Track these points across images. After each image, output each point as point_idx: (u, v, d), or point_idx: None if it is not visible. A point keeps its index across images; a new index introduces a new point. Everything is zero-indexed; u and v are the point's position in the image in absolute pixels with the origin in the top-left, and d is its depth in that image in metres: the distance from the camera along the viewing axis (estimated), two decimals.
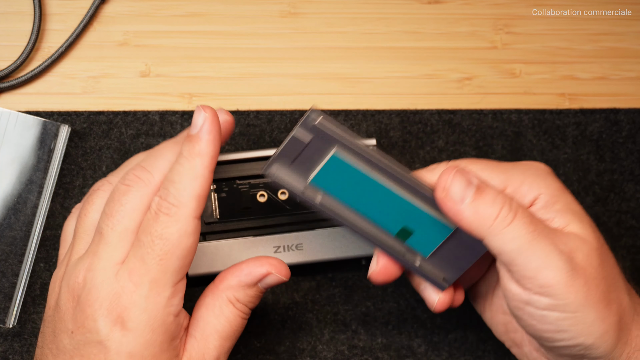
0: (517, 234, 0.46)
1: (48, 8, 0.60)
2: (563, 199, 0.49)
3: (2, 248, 0.56)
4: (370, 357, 0.59)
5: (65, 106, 0.59)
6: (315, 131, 0.47)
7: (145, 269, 0.46)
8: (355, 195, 0.48)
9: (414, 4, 0.62)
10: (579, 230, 0.48)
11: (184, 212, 0.46)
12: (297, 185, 0.48)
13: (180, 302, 0.47)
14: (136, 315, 0.46)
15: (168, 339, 0.46)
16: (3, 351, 0.57)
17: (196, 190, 0.46)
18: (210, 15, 0.61)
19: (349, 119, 0.60)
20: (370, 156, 0.47)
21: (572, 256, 0.46)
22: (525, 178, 0.49)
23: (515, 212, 0.46)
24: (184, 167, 0.46)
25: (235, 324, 0.49)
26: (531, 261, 0.46)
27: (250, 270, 0.49)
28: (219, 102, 0.60)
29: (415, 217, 0.49)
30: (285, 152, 0.48)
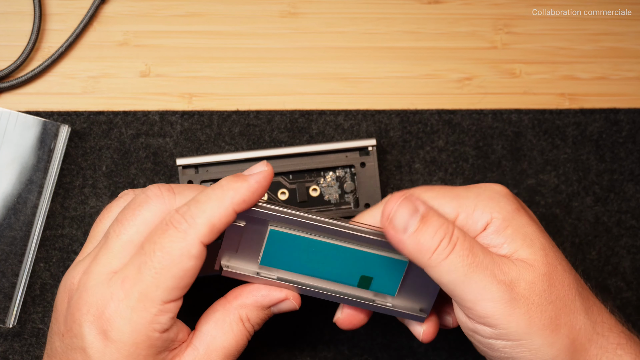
0: (453, 267, 0.46)
1: (48, 8, 0.60)
2: (515, 222, 0.48)
3: (2, 248, 0.56)
4: (370, 357, 0.59)
5: (65, 106, 0.59)
6: (246, 215, 0.47)
7: (139, 278, 0.45)
8: (307, 260, 0.49)
9: (414, 4, 0.62)
10: (527, 256, 0.48)
11: (194, 232, 0.45)
12: (251, 269, 0.49)
13: (168, 321, 0.45)
14: (120, 326, 0.45)
15: (153, 352, 0.45)
16: (3, 351, 0.57)
17: (214, 217, 0.45)
18: (210, 15, 0.61)
19: (349, 119, 0.60)
20: (306, 220, 0.48)
21: (512, 285, 0.46)
22: (478, 202, 0.49)
23: (454, 244, 0.46)
24: (215, 192, 0.46)
25: (241, 344, 0.49)
26: (468, 293, 0.46)
27: (268, 292, 0.49)
28: (219, 102, 0.60)
29: (369, 262, 0.49)
30: (228, 243, 0.48)
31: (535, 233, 0.48)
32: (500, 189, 0.50)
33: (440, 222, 0.47)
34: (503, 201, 0.49)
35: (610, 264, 0.62)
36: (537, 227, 0.49)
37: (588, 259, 0.61)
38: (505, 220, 0.48)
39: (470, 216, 0.49)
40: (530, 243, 0.48)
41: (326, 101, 0.61)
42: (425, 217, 0.47)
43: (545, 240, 0.49)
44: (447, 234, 0.46)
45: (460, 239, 0.46)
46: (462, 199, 0.49)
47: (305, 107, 0.60)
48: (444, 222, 0.47)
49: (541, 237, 0.49)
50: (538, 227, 0.49)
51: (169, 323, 0.45)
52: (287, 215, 0.48)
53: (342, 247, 0.49)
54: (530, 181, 0.61)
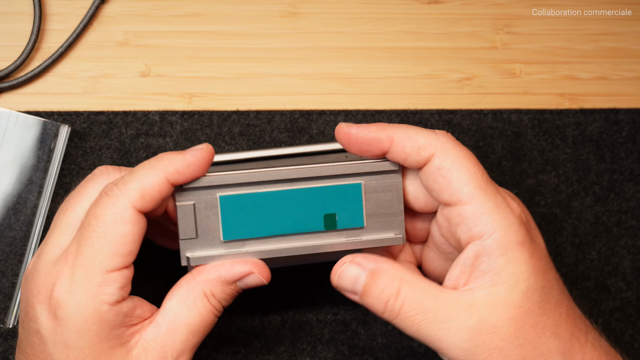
0: (402, 326, 0.46)
1: (48, 8, 0.60)
2: (512, 256, 0.46)
3: (2, 248, 0.56)
4: (370, 357, 0.59)
5: (65, 106, 0.59)
6: (190, 192, 0.47)
7: (79, 251, 0.45)
8: (267, 218, 0.48)
9: (414, 4, 0.62)
10: (501, 295, 0.46)
11: (124, 196, 0.45)
12: (217, 252, 0.48)
13: (116, 292, 0.45)
14: (66, 302, 0.44)
15: (106, 327, 0.45)
16: (3, 351, 0.57)
17: (146, 182, 0.45)
18: (210, 15, 0.61)
19: (349, 119, 0.60)
20: (249, 175, 0.47)
21: (473, 332, 0.45)
22: (485, 211, 0.46)
23: (400, 305, 0.46)
24: (149, 162, 0.46)
25: (207, 320, 0.47)
26: (429, 343, 0.46)
27: (232, 266, 0.48)
28: (219, 102, 0.60)
29: (325, 197, 0.49)
30: (184, 230, 0.48)
31: (528, 272, 0.46)
32: (518, 213, 0.47)
33: (385, 282, 0.46)
34: (514, 227, 0.46)
35: (610, 264, 0.62)
36: (534, 264, 0.46)
37: (588, 259, 0.62)
38: (503, 247, 0.46)
39: (468, 219, 0.47)
40: (515, 283, 0.46)
41: (326, 101, 0.61)
42: (369, 280, 0.47)
43: (537, 278, 0.46)
44: (390, 295, 0.46)
45: (407, 299, 0.46)
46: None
47: (305, 107, 0.60)
48: (388, 283, 0.46)
49: (534, 275, 0.46)
50: (537, 261, 0.47)
51: (117, 294, 0.45)
52: (231, 177, 0.47)
53: (294, 191, 0.48)
54: (530, 181, 0.61)
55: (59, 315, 0.44)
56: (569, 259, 0.61)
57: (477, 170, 0.46)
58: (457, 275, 0.47)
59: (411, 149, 0.47)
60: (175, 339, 0.46)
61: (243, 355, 0.58)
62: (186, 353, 0.47)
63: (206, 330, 0.47)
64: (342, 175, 0.48)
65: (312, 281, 0.59)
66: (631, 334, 0.61)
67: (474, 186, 0.45)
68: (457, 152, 0.46)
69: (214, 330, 0.58)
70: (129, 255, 0.45)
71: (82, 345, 0.44)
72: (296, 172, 0.48)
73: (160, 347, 0.46)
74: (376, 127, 0.47)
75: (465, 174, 0.46)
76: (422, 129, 0.47)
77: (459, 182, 0.46)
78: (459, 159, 0.46)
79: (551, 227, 0.61)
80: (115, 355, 0.45)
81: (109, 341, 0.45)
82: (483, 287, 0.46)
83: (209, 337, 0.58)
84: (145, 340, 0.46)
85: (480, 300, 0.46)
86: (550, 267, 0.48)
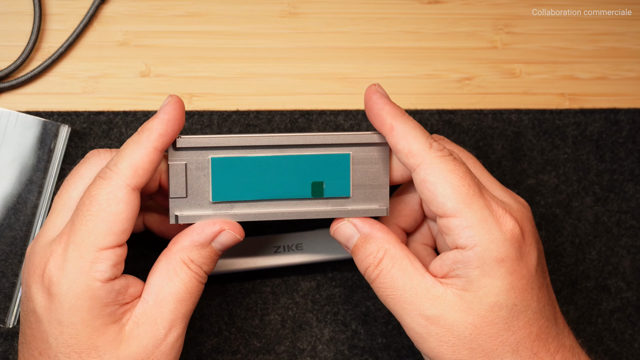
0: (376, 292, 0.49)
1: (48, 8, 0.60)
2: (473, 270, 0.47)
3: (2, 248, 0.56)
4: (370, 357, 0.59)
5: (65, 106, 0.59)
6: (183, 152, 0.48)
7: (72, 230, 0.46)
8: (257, 182, 0.49)
9: (414, 4, 0.62)
10: (458, 300, 0.47)
11: (117, 177, 0.46)
12: (205, 212, 0.49)
13: (109, 269, 0.45)
14: (58, 279, 0.45)
15: (98, 304, 0.45)
16: (3, 351, 0.57)
17: (135, 160, 0.46)
18: (210, 15, 0.61)
19: (349, 119, 0.60)
20: (242, 138, 0.48)
21: (430, 322, 0.48)
22: (474, 223, 0.47)
23: (377, 274, 0.49)
24: (133, 137, 0.47)
25: (191, 286, 0.48)
26: (394, 315, 0.49)
27: (203, 229, 0.48)
28: (219, 102, 0.60)
29: (314, 166, 0.50)
30: (175, 189, 0.48)
31: (501, 288, 0.47)
32: (508, 227, 0.48)
33: (371, 249, 0.49)
34: (497, 242, 0.47)
35: (610, 264, 0.62)
36: (510, 282, 0.47)
37: (588, 259, 0.62)
38: (480, 261, 0.47)
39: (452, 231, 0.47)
40: (484, 295, 0.47)
41: (326, 101, 0.61)
42: (360, 242, 0.49)
43: (509, 295, 0.47)
44: (372, 263, 0.49)
45: (383, 271, 0.48)
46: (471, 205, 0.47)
47: (305, 107, 0.60)
48: (373, 251, 0.49)
49: (507, 292, 0.47)
50: (515, 279, 0.47)
51: (109, 271, 0.46)
52: (223, 140, 0.48)
53: (284, 157, 0.49)
54: (530, 181, 0.61)
55: (53, 293, 0.45)
56: (569, 259, 0.61)
57: (463, 184, 0.47)
58: (439, 266, 0.48)
59: (402, 149, 0.48)
60: (163, 311, 0.47)
61: (243, 355, 0.58)
62: (177, 323, 0.48)
63: (192, 297, 0.48)
64: (332, 145, 0.49)
65: (312, 281, 0.59)
66: (631, 334, 0.61)
67: (457, 201, 0.47)
68: (442, 167, 0.47)
69: (214, 330, 0.58)
70: (122, 233, 0.46)
71: (75, 322, 0.45)
72: (287, 138, 0.49)
73: (150, 320, 0.47)
74: (389, 109, 0.49)
75: (449, 188, 0.47)
76: (422, 135, 0.48)
77: (443, 197, 0.47)
78: (443, 173, 0.47)
79: (551, 227, 0.61)
80: (109, 331, 0.46)
81: (102, 318, 0.46)
82: (455, 287, 0.47)
83: (210, 337, 0.58)
84: (136, 316, 0.47)
85: (447, 297, 0.47)
86: (532, 286, 0.48)
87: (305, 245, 0.57)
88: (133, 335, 0.46)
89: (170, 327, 0.47)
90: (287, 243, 0.57)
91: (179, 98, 0.47)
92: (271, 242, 0.57)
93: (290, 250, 0.56)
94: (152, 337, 0.47)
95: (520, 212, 0.49)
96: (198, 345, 0.58)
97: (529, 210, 0.50)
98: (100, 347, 0.46)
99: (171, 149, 0.48)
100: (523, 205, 0.49)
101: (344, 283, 0.59)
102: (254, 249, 0.56)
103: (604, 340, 0.61)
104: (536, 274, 0.48)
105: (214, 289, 0.58)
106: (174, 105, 0.47)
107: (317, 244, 0.57)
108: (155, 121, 0.47)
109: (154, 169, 0.47)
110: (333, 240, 0.56)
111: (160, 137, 0.46)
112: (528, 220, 0.49)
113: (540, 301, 0.48)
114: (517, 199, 0.50)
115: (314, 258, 0.57)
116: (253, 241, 0.57)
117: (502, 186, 0.51)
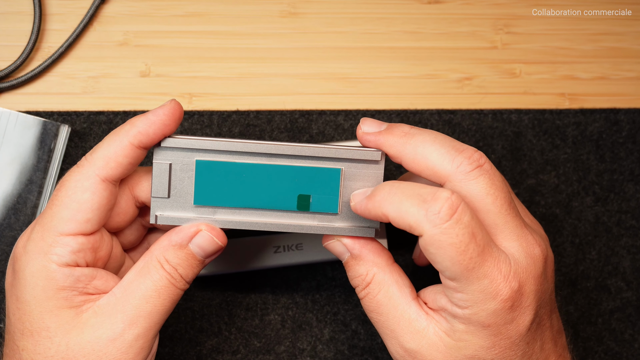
0: (364, 309, 0.49)
1: (48, 8, 0.60)
2: (459, 325, 0.47)
3: (2, 248, 0.56)
4: (370, 357, 0.59)
5: (65, 106, 0.59)
6: (169, 152, 0.47)
7: (42, 214, 0.47)
8: (241, 189, 0.48)
9: (414, 4, 0.62)
10: (438, 342, 0.47)
11: (89, 166, 0.46)
12: (186, 214, 0.48)
13: (67, 255, 0.46)
14: (20, 256, 0.47)
15: (53, 286, 0.46)
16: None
17: (109, 151, 0.46)
18: (210, 15, 0.61)
19: (349, 119, 0.60)
20: (230, 144, 0.47)
21: (409, 354, 0.48)
22: (474, 281, 0.46)
23: (364, 295, 0.49)
24: (113, 131, 0.47)
25: (161, 286, 0.47)
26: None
27: (180, 230, 0.48)
28: (219, 102, 0.60)
29: (302, 178, 0.48)
30: (157, 188, 0.48)
31: (481, 345, 0.46)
32: (503, 296, 0.46)
33: (360, 272, 0.49)
34: (487, 311, 0.46)
35: (610, 264, 0.62)
36: (493, 342, 0.46)
37: (588, 259, 0.62)
38: (468, 321, 0.46)
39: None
40: (464, 347, 0.46)
41: (326, 101, 0.61)
42: (350, 261, 0.49)
43: (489, 352, 0.46)
44: (360, 285, 0.49)
45: (369, 294, 0.48)
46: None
47: (305, 107, 0.60)
48: (362, 273, 0.49)
49: (488, 349, 0.46)
50: (499, 340, 0.46)
51: (67, 257, 0.46)
52: (211, 143, 0.47)
53: (271, 166, 0.48)
54: (530, 181, 0.61)
55: (15, 269, 0.47)
56: (569, 259, 0.61)
57: (463, 258, 0.45)
58: (432, 299, 0.48)
59: (403, 226, 0.46)
60: (126, 305, 0.47)
61: (243, 355, 0.58)
62: (139, 321, 0.47)
63: (161, 297, 0.47)
64: (323, 158, 0.48)
65: (312, 281, 0.59)
66: (631, 334, 0.61)
67: (456, 272, 0.45)
68: (443, 240, 0.45)
69: (214, 330, 0.58)
70: (86, 222, 0.46)
71: (29, 299, 0.46)
72: (276, 147, 0.48)
73: (111, 312, 0.46)
74: (371, 197, 0.47)
75: (449, 262, 0.45)
76: (416, 194, 0.46)
77: (442, 266, 0.45)
78: (443, 247, 0.45)
79: (551, 227, 0.61)
80: (62, 314, 0.46)
81: (56, 300, 0.46)
82: (439, 327, 0.47)
83: (210, 337, 0.58)
84: (98, 306, 0.47)
85: (428, 334, 0.47)
86: (518, 344, 0.47)
87: (305, 245, 0.57)
88: (89, 324, 0.46)
89: (130, 323, 0.46)
90: (287, 243, 0.57)
91: (177, 104, 0.47)
92: (271, 242, 0.57)
93: (290, 250, 0.56)
94: (109, 329, 0.46)
95: (527, 271, 0.47)
96: (198, 345, 0.58)
97: (540, 262, 0.47)
98: (51, 329, 0.46)
99: (156, 148, 0.48)
100: (533, 260, 0.47)
101: (344, 283, 0.59)
102: (254, 249, 0.56)
103: (604, 340, 0.61)
104: (527, 332, 0.47)
105: (214, 289, 0.58)
106: (167, 110, 0.47)
107: (317, 244, 0.57)
108: (140, 119, 0.47)
109: (128, 163, 0.47)
110: None
111: (139, 134, 0.46)
112: (533, 279, 0.47)
113: (524, 355, 0.47)
114: (532, 250, 0.47)
115: (314, 258, 0.57)
116: (253, 241, 0.57)
117: (521, 223, 0.48)
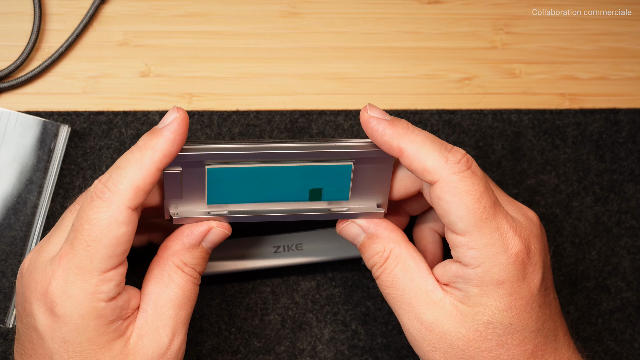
0: (380, 288, 0.50)
1: (48, 8, 0.60)
2: (473, 288, 0.47)
3: (2, 248, 0.56)
4: (370, 357, 0.59)
5: (65, 106, 0.59)
6: (180, 160, 0.47)
7: (73, 254, 0.45)
8: (253, 189, 0.48)
9: (414, 4, 0.62)
10: (455, 311, 0.47)
11: (118, 199, 0.45)
12: (200, 210, 0.49)
13: (112, 289, 0.45)
14: (62, 301, 0.45)
15: (103, 323, 0.45)
16: (3, 351, 0.57)
17: (137, 180, 0.45)
18: (210, 15, 0.61)
19: (349, 119, 0.60)
20: (239, 151, 0.47)
21: (425, 327, 0.48)
22: (482, 243, 0.47)
23: (381, 272, 0.49)
24: (134, 155, 0.45)
25: (188, 290, 0.48)
26: (394, 312, 0.50)
27: (191, 230, 0.48)
28: (219, 102, 0.60)
29: (313, 175, 0.49)
30: (170, 192, 0.48)
31: (497, 307, 0.47)
32: (513, 251, 0.47)
33: (377, 249, 0.49)
34: (500, 266, 0.47)
35: (610, 264, 0.62)
36: (509, 302, 0.47)
37: (588, 259, 0.62)
38: (480, 281, 0.47)
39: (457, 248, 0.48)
40: (480, 312, 0.47)
41: (326, 101, 0.61)
42: (366, 241, 0.50)
43: (506, 315, 0.47)
44: (377, 262, 0.49)
45: (386, 269, 0.49)
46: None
47: (305, 107, 0.60)
48: (379, 250, 0.49)
49: (504, 311, 0.47)
50: (514, 300, 0.47)
51: (113, 291, 0.45)
52: (220, 151, 0.47)
53: (283, 168, 0.48)
54: (530, 181, 0.61)
55: (57, 313, 0.45)
56: (569, 259, 0.61)
57: (479, 206, 0.46)
58: (441, 274, 0.48)
59: (417, 169, 0.47)
60: (164, 318, 0.47)
61: (243, 355, 0.58)
62: (179, 329, 0.47)
63: (190, 300, 0.48)
64: (333, 155, 0.48)
65: (312, 281, 0.59)
66: (631, 334, 0.61)
67: (470, 223, 0.46)
68: (460, 187, 0.46)
69: (214, 330, 0.58)
70: (124, 253, 0.46)
71: (81, 340, 0.45)
72: (287, 148, 0.48)
73: (152, 330, 0.47)
74: (391, 132, 0.47)
75: (464, 210, 0.46)
76: (434, 149, 0.47)
77: (455, 217, 0.46)
78: (460, 193, 0.46)
79: (551, 227, 0.61)
80: (114, 347, 0.46)
81: (108, 335, 0.46)
82: (453, 297, 0.48)
83: (210, 337, 0.58)
84: (138, 327, 0.47)
85: (444, 305, 0.48)
86: (532, 306, 0.47)
87: (305, 245, 0.57)
88: (138, 348, 0.46)
89: (172, 334, 0.47)
90: (287, 243, 0.57)
91: (184, 113, 0.46)
92: (271, 242, 0.57)
93: (290, 250, 0.56)
94: (156, 347, 0.47)
95: (529, 230, 0.48)
96: (198, 345, 0.58)
97: (537, 225, 0.49)
98: None
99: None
100: (532, 222, 0.49)
101: (344, 283, 0.59)
102: (254, 249, 0.56)
103: (604, 340, 0.61)
104: (538, 293, 0.47)
105: (214, 289, 0.58)
106: (181, 124, 0.46)
107: (317, 244, 0.57)
108: (160, 140, 0.45)
109: (152, 187, 0.46)
110: (333, 241, 0.56)
111: (164, 157, 0.45)
112: (536, 238, 0.48)
113: (539, 320, 0.48)
114: (525, 213, 0.49)
115: (313, 258, 0.57)
116: (253, 241, 0.57)
117: (511, 199, 0.50)
